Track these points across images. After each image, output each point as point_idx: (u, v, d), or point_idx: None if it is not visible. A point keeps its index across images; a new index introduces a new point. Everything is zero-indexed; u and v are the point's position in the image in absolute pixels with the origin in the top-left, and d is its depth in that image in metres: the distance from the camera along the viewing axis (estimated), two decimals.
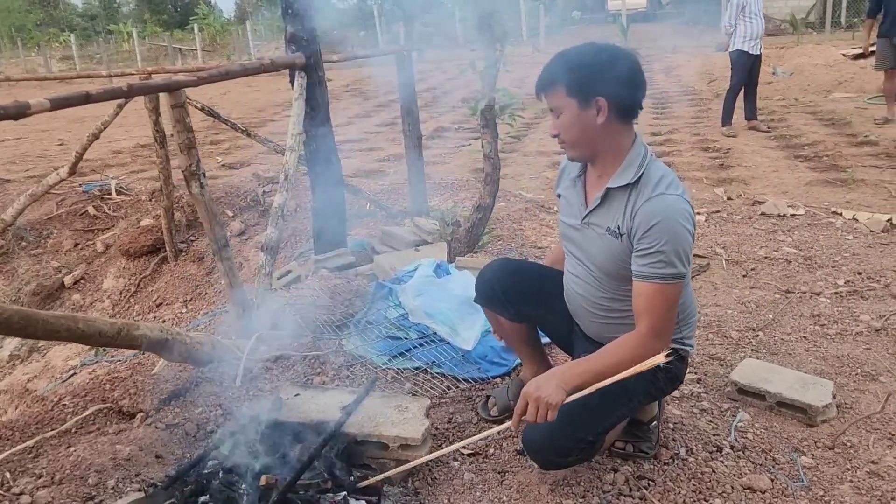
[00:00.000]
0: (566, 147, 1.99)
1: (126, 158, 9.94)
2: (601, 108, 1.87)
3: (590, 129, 1.90)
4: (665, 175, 1.93)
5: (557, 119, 1.94)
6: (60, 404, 2.55)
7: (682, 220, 1.85)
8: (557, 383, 1.83)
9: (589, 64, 1.87)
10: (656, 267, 1.85)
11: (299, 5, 3.52)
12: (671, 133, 8.72)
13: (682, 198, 1.90)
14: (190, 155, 2.70)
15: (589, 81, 1.86)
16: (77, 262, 5.92)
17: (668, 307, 1.90)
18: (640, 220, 1.87)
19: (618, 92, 1.87)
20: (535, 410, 1.82)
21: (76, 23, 51.21)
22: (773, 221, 4.90)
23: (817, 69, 12.76)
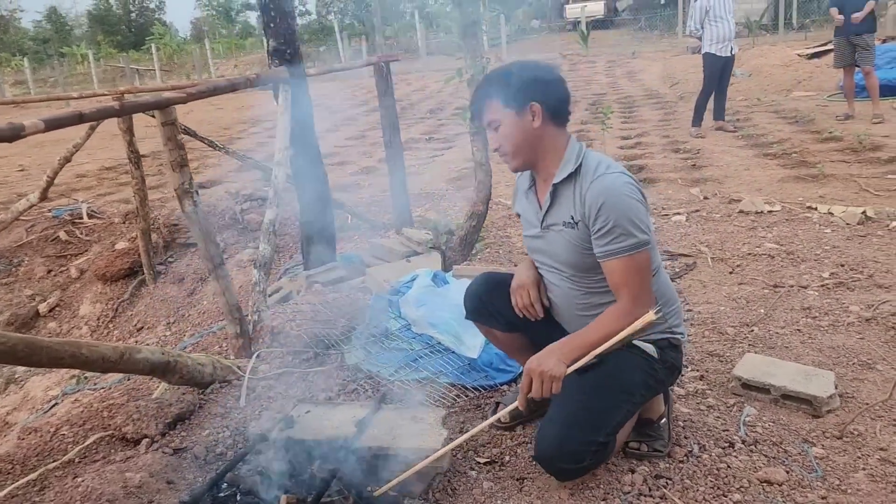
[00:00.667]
0: (508, 158, 2.09)
1: (91, 182, 9.77)
2: (536, 112, 2.01)
3: (529, 134, 2.03)
4: (602, 160, 2.06)
5: (497, 132, 2.05)
6: (59, 434, 2.47)
7: (627, 193, 1.95)
8: (557, 357, 1.93)
9: (518, 76, 2.01)
10: (617, 242, 1.94)
11: (281, 20, 3.50)
12: (641, 136, 8.84)
13: (623, 174, 2.01)
14: (182, 172, 2.66)
15: (521, 90, 2.00)
16: (51, 288, 5.77)
17: (642, 275, 1.98)
18: (590, 203, 1.97)
19: (548, 96, 2.02)
20: (539, 385, 1.91)
21: (28, 47, 50.22)
22: (752, 218, 4.98)
23: (775, 69, 13.07)
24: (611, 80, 16.35)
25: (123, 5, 61.34)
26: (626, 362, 2.07)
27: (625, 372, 2.07)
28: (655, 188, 6.22)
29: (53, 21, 58.12)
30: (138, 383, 3.44)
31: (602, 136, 7.98)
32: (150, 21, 57.62)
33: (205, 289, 5.11)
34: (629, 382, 2.07)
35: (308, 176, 3.66)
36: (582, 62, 20.82)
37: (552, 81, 2.05)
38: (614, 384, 2.04)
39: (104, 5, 60.65)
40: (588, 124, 10.14)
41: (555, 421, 2.03)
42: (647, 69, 17.52)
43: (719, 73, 8.25)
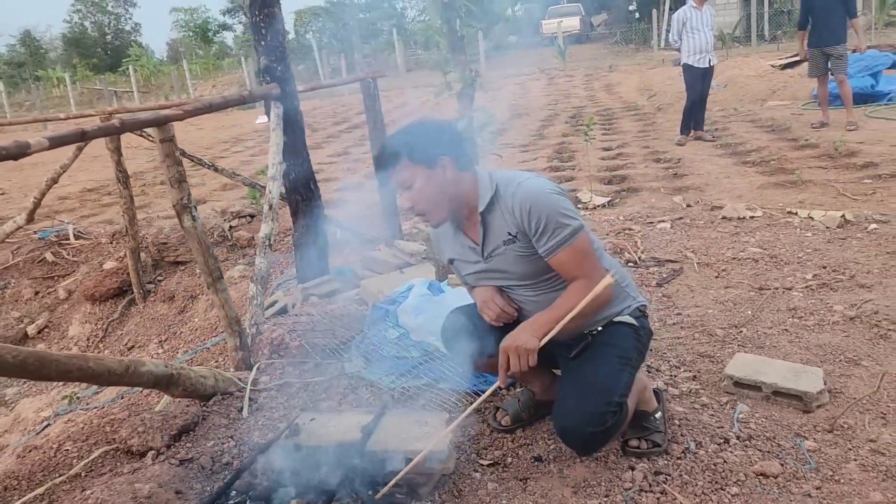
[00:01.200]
0: (428, 214, 2.18)
1: (74, 204, 9.73)
2: (446, 165, 2.11)
3: (443, 187, 2.12)
4: (512, 175, 2.19)
5: (410, 191, 2.12)
6: (62, 450, 2.48)
7: (546, 191, 2.09)
8: (529, 332, 2.07)
9: (422, 134, 2.14)
10: (556, 236, 2.06)
11: (272, 38, 3.55)
12: (622, 147, 8.98)
13: (535, 177, 2.16)
14: (181, 188, 2.69)
15: (429, 147, 2.10)
16: (39, 310, 5.74)
17: (588, 256, 2.12)
18: (518, 213, 2.09)
19: (453, 148, 2.15)
20: (517, 359, 2.04)
21: (2, 70, 49.87)
22: (735, 224, 5.09)
23: (750, 80, 13.32)
24: (589, 94, 16.57)
25: (98, 28, 61.19)
26: (616, 333, 2.24)
27: (617, 340, 2.22)
28: (639, 197, 6.33)
29: (28, 45, 57.78)
30: (136, 399, 3.44)
31: (584, 148, 8.09)
32: (126, 43, 57.47)
33: (196, 306, 5.11)
34: (623, 348, 2.21)
35: (300, 189, 3.70)
36: (560, 76, 21.08)
37: (453, 133, 2.20)
38: (611, 352, 2.18)
39: (79, 28, 60.44)
40: (569, 136, 10.27)
41: (571, 394, 2.14)
42: (625, 82, 17.78)
43: (700, 82, 8.43)
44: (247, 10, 3.50)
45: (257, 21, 3.51)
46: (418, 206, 2.13)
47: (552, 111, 13.86)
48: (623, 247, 4.71)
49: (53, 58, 58.61)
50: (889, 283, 3.70)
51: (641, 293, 3.92)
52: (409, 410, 2.40)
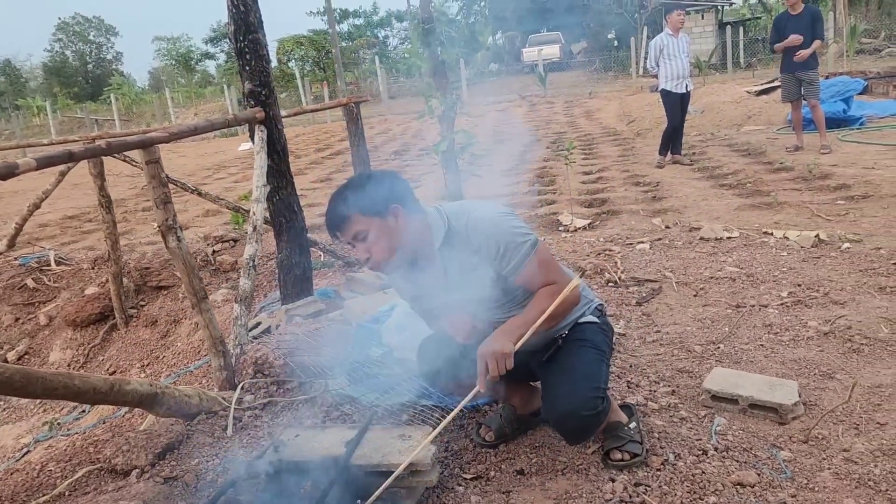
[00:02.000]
0: (385, 262, 2.20)
1: (55, 230, 9.68)
2: (398, 213, 2.17)
3: (398, 234, 2.17)
4: (460, 207, 2.28)
5: (364, 242, 2.15)
6: (45, 470, 2.47)
7: (496, 214, 2.20)
8: (504, 337, 2.12)
9: (368, 186, 2.18)
10: (516, 255, 2.15)
11: (256, 63, 3.61)
12: (602, 171, 9.11)
13: (482, 204, 2.27)
14: (166, 209, 2.72)
15: (378, 196, 2.15)
16: (19, 336, 5.69)
17: (549, 263, 2.23)
18: (475, 243, 2.17)
19: (401, 195, 2.20)
20: (494, 364, 2.07)
21: None
22: (712, 245, 5.18)
23: (726, 106, 13.59)
24: (570, 119, 16.81)
25: (80, 57, 61.28)
26: (584, 331, 2.37)
27: (587, 336, 2.35)
28: (619, 219, 6.42)
29: (7, 73, 57.70)
30: (119, 423, 3.44)
31: (565, 172, 8.21)
32: (108, 72, 57.57)
33: (178, 330, 5.11)
34: (596, 342, 2.34)
35: (285, 212, 3.74)
36: (541, 103, 21.36)
37: (397, 181, 2.24)
38: (587, 346, 2.31)
39: (60, 57, 60.48)
40: (550, 161, 10.41)
41: (558, 383, 2.23)
42: (604, 108, 18.06)
43: (678, 107, 8.61)
44: (231, 36, 3.57)
45: (242, 47, 3.57)
46: (375, 257, 2.16)
47: (533, 137, 14.04)
48: (603, 267, 4.78)
49: (34, 87, 58.56)
50: (861, 300, 3.79)
51: (621, 312, 4.01)
52: (393, 425, 2.43)
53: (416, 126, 17.88)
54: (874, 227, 5.17)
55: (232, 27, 3.52)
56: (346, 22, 45.74)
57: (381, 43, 45.73)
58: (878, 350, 3.18)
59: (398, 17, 47.64)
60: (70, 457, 2.56)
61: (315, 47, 37.15)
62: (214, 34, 53.30)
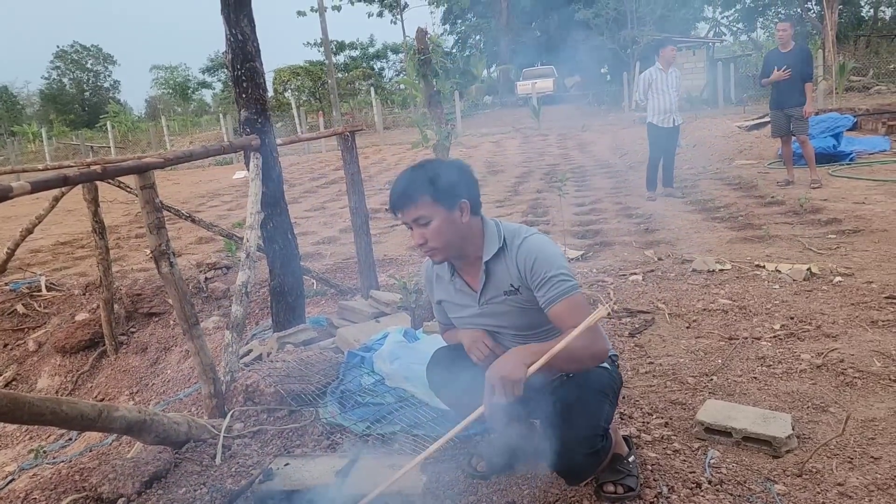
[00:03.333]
0: (435, 252, 2.21)
1: (47, 256, 9.64)
2: (464, 209, 2.18)
3: (458, 229, 2.18)
4: (517, 228, 2.27)
5: (425, 228, 2.15)
6: (30, 498, 2.43)
7: (548, 247, 2.20)
8: (517, 359, 2.03)
9: (446, 174, 2.16)
10: (557, 286, 2.13)
11: (253, 91, 3.64)
12: (595, 203, 9.16)
13: (538, 234, 2.25)
14: (159, 234, 2.72)
15: (452, 189, 2.15)
16: (7, 362, 5.64)
17: (584, 309, 2.14)
18: (522, 266, 2.17)
19: (471, 193, 2.21)
20: (502, 388, 1.98)
21: None
22: (705, 277, 5.20)
23: (717, 140, 13.74)
24: (563, 152, 16.94)
25: (77, 85, 61.59)
26: (591, 372, 2.27)
27: (594, 377, 2.26)
28: (612, 251, 6.44)
29: (4, 100, 57.89)
30: (106, 451, 3.39)
31: (558, 203, 8.25)
32: (104, 100, 57.88)
33: (169, 357, 5.07)
34: (601, 383, 2.25)
35: (278, 239, 3.74)
36: (535, 135, 21.54)
37: (472, 179, 2.24)
38: (591, 385, 2.22)
39: (57, 85, 60.79)
40: (543, 192, 10.47)
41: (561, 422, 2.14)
42: (597, 141, 18.22)
43: (663, 141, 8.70)
44: (229, 64, 3.60)
45: (239, 75, 3.60)
46: (430, 244, 2.16)
47: (527, 168, 14.13)
48: (596, 298, 4.78)
49: (30, 113, 58.73)
50: (854, 333, 3.80)
51: (614, 343, 4.00)
52: (384, 454, 2.40)
53: (410, 156, 17.99)
54: (865, 261, 5.19)
55: (230, 55, 3.55)
56: (342, 53, 46.29)
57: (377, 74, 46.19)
58: (871, 384, 3.17)
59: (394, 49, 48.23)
60: (56, 485, 2.52)
61: (311, 77, 37.50)
62: (212, 63, 53.81)
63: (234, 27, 3.55)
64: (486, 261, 2.22)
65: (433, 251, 2.20)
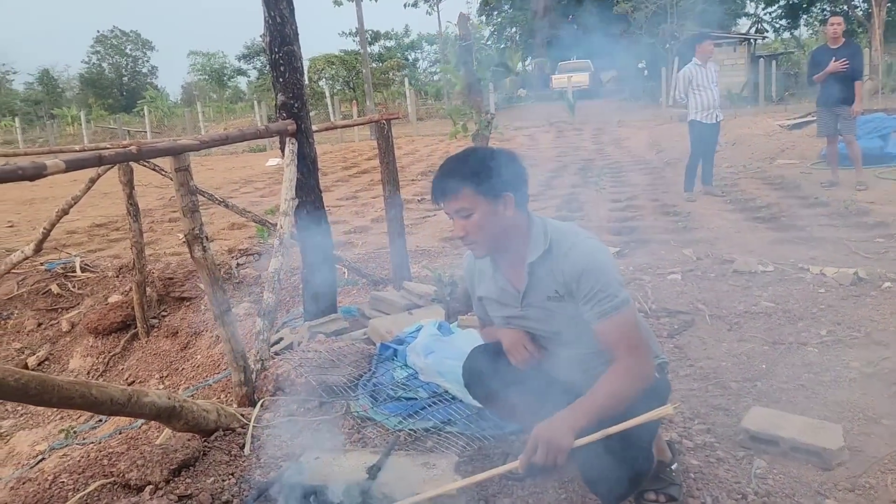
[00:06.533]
0: (476, 246, 2.09)
1: (82, 238, 9.74)
2: (509, 202, 2.04)
3: (501, 223, 2.05)
4: (566, 229, 2.12)
5: (467, 220, 2.03)
6: (58, 482, 2.40)
7: (600, 255, 2.03)
8: (567, 426, 1.86)
9: (494, 165, 2.03)
10: (605, 303, 1.97)
11: (290, 75, 3.58)
12: (631, 199, 8.99)
13: (590, 238, 2.09)
14: (193, 218, 2.67)
15: (497, 180, 2.01)
16: (41, 342, 5.68)
17: (634, 330, 2.01)
18: (570, 273, 2.01)
19: (518, 186, 2.07)
20: (544, 453, 1.83)
21: (19, 108, 50.76)
22: (746, 278, 5.04)
23: (758, 139, 13.43)
24: (598, 147, 16.71)
25: (116, 69, 62.57)
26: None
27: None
28: (648, 248, 6.29)
29: (45, 83, 58.99)
30: (134, 434, 3.37)
31: (593, 199, 8.13)
32: (142, 85, 58.71)
33: (199, 343, 5.05)
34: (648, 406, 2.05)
35: (312, 227, 3.68)
36: (569, 130, 21.30)
37: (521, 170, 2.10)
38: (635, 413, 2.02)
39: (97, 69, 61.81)
40: (578, 188, 10.31)
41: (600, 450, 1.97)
42: (633, 137, 17.94)
43: (705, 139, 8.47)
44: (267, 47, 3.54)
45: (276, 59, 3.54)
46: (471, 237, 2.04)
47: (561, 162, 13.95)
48: (633, 297, 4.66)
49: (70, 97, 59.76)
50: None
51: None
52: (417, 452, 2.33)
53: (443, 147, 17.89)
54: None
55: (268, 38, 3.49)
56: (377, 43, 46.27)
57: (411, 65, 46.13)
58: None
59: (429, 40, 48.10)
60: (83, 468, 2.49)
61: (346, 67, 37.55)
62: (248, 51, 54.19)
63: (272, 9, 3.49)
64: (531, 262, 2.08)
65: (474, 245, 2.08)
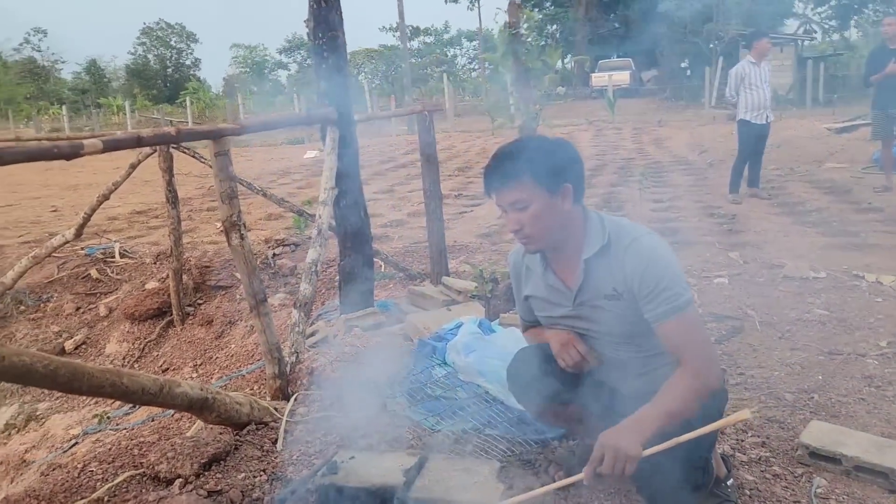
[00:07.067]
0: (531, 240, 1.96)
1: (123, 224, 9.83)
2: (567, 194, 1.92)
3: (559, 216, 1.92)
4: (626, 224, 2.00)
5: (522, 212, 1.90)
6: (87, 471, 2.35)
7: (663, 252, 1.91)
8: (635, 435, 1.73)
9: (551, 155, 1.92)
10: (668, 302, 1.85)
11: (333, 61, 3.50)
12: (673, 200, 8.76)
13: (652, 234, 1.97)
14: (231, 205, 2.60)
15: (557, 171, 1.90)
16: (78, 326, 5.71)
17: (699, 332, 1.91)
18: (631, 270, 1.89)
19: (577, 177, 1.96)
20: (612, 462, 1.71)
21: (66, 96, 51.95)
22: (798, 284, 4.83)
23: (805, 141, 13.06)
24: (638, 146, 16.41)
25: (161, 61, 63.66)
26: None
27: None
28: (693, 250, 6.10)
29: (92, 73, 60.31)
30: (166, 423, 3.32)
31: (634, 198, 7.94)
32: (185, 77, 59.60)
33: (233, 332, 5.02)
34: (709, 417, 1.93)
35: (351, 218, 3.60)
36: (608, 128, 21.01)
37: (579, 161, 1.99)
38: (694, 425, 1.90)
39: (142, 60, 62.96)
40: (617, 187, 10.10)
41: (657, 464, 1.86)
42: (674, 137, 17.59)
43: (754, 140, 8.22)
44: (310, 33, 3.46)
45: (320, 44, 3.46)
46: (526, 231, 1.91)
47: (600, 161, 13.72)
48: None
49: (115, 87, 60.97)
50: None
51: None
52: (456, 456, 2.22)
53: (480, 143, 17.75)
54: None
55: (312, 23, 3.41)
56: (417, 39, 46.28)
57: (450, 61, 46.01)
58: None
59: (468, 36, 47.93)
60: (113, 458, 2.44)
61: (385, 62, 37.62)
62: (289, 44, 54.66)
63: None
64: (587, 258, 1.95)
65: (529, 239, 1.94)
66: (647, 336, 1.95)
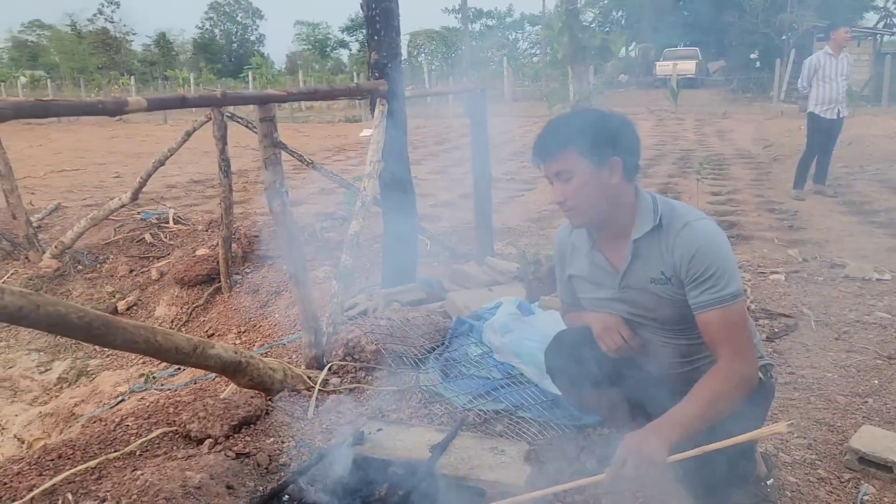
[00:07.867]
0: (574, 213, 1.90)
1: (180, 192, 10.06)
2: (615, 167, 1.85)
3: (604, 190, 1.86)
4: (680, 207, 1.92)
5: (567, 184, 1.86)
6: (123, 425, 2.39)
7: (717, 239, 1.83)
8: (661, 440, 1.64)
9: (601, 126, 1.86)
10: (714, 291, 1.78)
11: (386, 34, 3.46)
12: (732, 194, 8.50)
13: (708, 219, 1.89)
14: (274, 171, 2.59)
15: (604, 143, 1.83)
16: (131, 288, 5.85)
17: (742, 327, 1.80)
18: (681, 254, 1.82)
19: (628, 151, 1.88)
20: (635, 466, 1.63)
21: (135, 67, 53.43)
22: (859, 285, 4.62)
23: (878, 140, 12.51)
24: (699, 138, 15.97)
25: (226, 36, 64.84)
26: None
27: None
28: (749, 245, 5.90)
29: (161, 46, 61.76)
30: (206, 385, 3.37)
31: (692, 190, 7.72)
32: (249, 52, 60.54)
33: (278, 302, 5.06)
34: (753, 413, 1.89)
35: (396, 191, 3.57)
36: (670, 118, 20.51)
37: (632, 135, 1.90)
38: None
39: (209, 35, 64.23)
40: (675, 177, 9.85)
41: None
42: (739, 130, 17.06)
43: (823, 135, 7.87)
44: (364, 4, 3.42)
45: (373, 15, 3.42)
46: (570, 202, 1.86)
47: (659, 151, 13.40)
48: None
49: (182, 60, 62.39)
50: None
51: None
52: (485, 435, 2.18)
53: (537, 129, 17.52)
54: None
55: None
56: (479, 22, 45.95)
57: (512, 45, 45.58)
58: None
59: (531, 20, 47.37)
60: (150, 414, 2.47)
61: (445, 44, 37.48)
62: (351, 23, 54.97)
63: None
64: (636, 238, 1.88)
65: (572, 212, 1.88)
66: (695, 325, 1.86)
